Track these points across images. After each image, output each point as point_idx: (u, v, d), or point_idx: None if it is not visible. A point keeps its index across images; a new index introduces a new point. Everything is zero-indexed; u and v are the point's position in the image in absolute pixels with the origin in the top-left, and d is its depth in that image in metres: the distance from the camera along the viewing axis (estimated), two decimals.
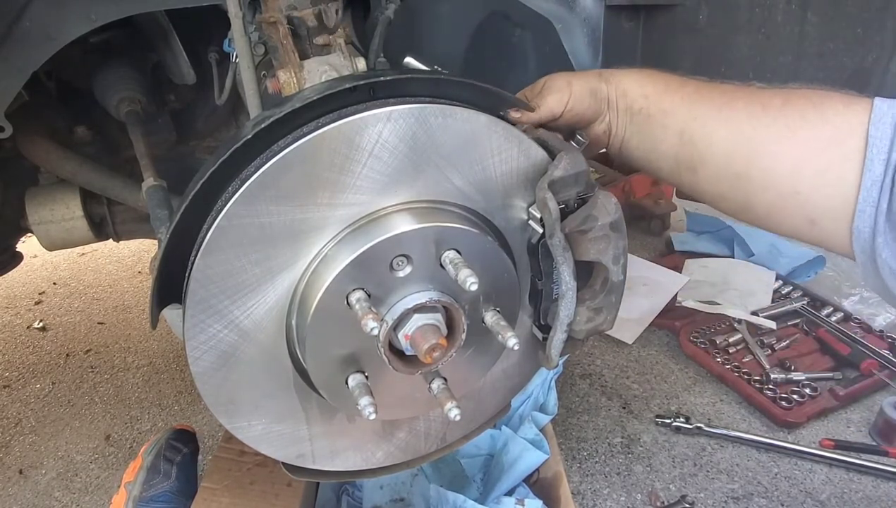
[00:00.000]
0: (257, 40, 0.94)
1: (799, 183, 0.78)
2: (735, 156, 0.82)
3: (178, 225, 0.70)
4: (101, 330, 2.45)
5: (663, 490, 1.64)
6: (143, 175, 1.10)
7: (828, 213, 0.77)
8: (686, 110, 0.86)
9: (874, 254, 0.75)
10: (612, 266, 0.80)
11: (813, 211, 0.78)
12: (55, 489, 1.73)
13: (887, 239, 0.73)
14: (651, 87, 0.89)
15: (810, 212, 0.79)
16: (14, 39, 0.91)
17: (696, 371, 2.08)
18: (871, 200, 0.73)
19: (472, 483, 1.48)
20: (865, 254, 0.76)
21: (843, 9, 0.99)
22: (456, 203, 0.77)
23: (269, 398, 0.80)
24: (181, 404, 2.02)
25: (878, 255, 0.74)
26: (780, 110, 0.79)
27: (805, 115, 0.78)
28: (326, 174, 0.68)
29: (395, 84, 0.74)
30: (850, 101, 0.76)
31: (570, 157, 0.77)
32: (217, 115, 1.46)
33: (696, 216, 2.81)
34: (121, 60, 1.28)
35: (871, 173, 0.73)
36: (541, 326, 0.87)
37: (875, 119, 0.73)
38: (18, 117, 1.05)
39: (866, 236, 0.75)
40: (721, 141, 0.83)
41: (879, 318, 2.25)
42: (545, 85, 0.92)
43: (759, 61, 1.11)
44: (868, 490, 1.63)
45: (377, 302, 0.73)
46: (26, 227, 1.40)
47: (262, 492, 1.26)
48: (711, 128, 0.84)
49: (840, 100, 0.77)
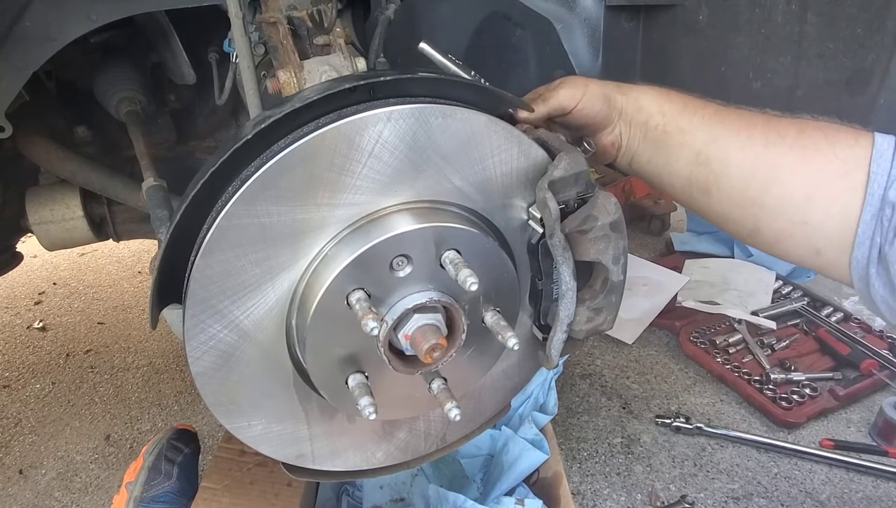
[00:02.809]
0: (257, 40, 0.94)
1: (809, 213, 0.80)
2: (751, 181, 0.83)
3: (178, 225, 0.70)
4: (101, 330, 2.45)
5: (663, 490, 1.64)
6: (143, 175, 1.10)
7: (832, 243, 0.80)
8: (706, 131, 0.86)
9: (868, 282, 0.78)
10: (612, 266, 0.80)
11: (819, 241, 0.81)
12: (55, 489, 1.73)
13: (878, 270, 0.77)
14: (669, 105, 0.89)
15: (817, 242, 0.81)
16: (14, 39, 0.91)
17: (696, 371, 2.08)
18: (869, 233, 0.77)
19: (472, 483, 1.48)
20: (862, 281, 0.79)
21: (843, 9, 0.99)
22: (456, 203, 0.77)
23: (269, 398, 0.80)
24: (181, 404, 2.02)
25: (871, 284, 0.78)
26: (795, 140, 0.81)
27: (819, 147, 0.80)
28: (326, 174, 0.68)
29: (395, 84, 0.74)
30: (858, 136, 0.78)
31: (570, 157, 0.77)
32: (217, 115, 1.46)
33: (696, 216, 2.80)
34: (121, 60, 1.29)
35: (871, 207, 0.76)
36: (541, 326, 0.87)
37: (876, 155, 0.76)
38: (18, 117, 1.05)
39: (862, 265, 0.78)
40: (738, 165, 0.84)
41: (879, 319, 2.25)
42: (562, 81, 0.92)
43: (759, 61, 1.10)
44: (868, 490, 1.63)
45: (377, 302, 0.73)
46: (26, 227, 1.40)
47: (262, 492, 1.26)
48: (729, 152, 0.84)
49: (849, 133, 0.79)
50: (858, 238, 0.77)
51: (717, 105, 0.88)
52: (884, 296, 0.77)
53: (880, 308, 0.79)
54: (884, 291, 0.77)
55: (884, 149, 0.76)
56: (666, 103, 0.89)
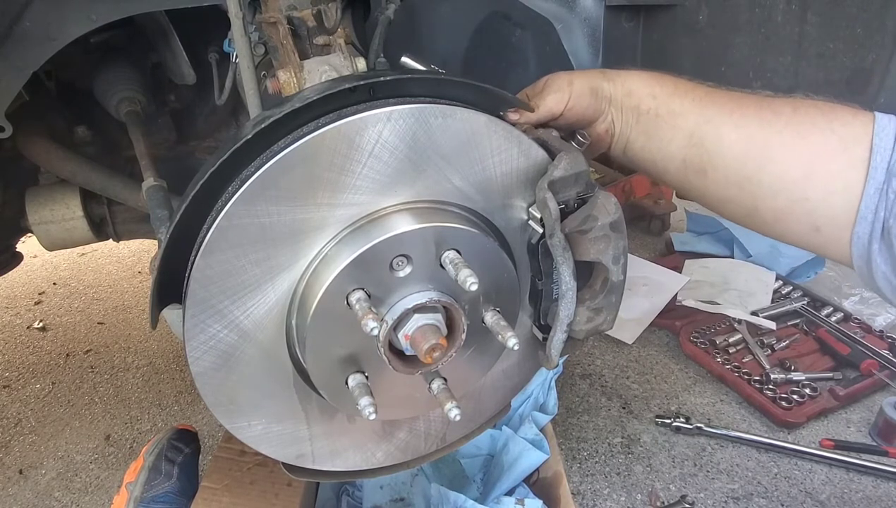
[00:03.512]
0: (257, 40, 0.94)
1: (809, 189, 0.79)
2: (746, 160, 0.82)
3: (178, 225, 0.70)
4: (101, 330, 2.45)
5: (663, 490, 1.64)
6: (143, 175, 1.10)
7: (832, 220, 0.79)
8: (698, 112, 0.85)
9: (870, 259, 0.77)
10: (612, 266, 0.80)
11: (819, 218, 0.79)
12: (55, 489, 1.73)
13: (881, 246, 0.75)
14: (660, 88, 0.88)
15: (816, 220, 0.80)
16: (14, 39, 0.91)
17: (696, 371, 2.08)
18: (872, 207, 0.75)
19: (472, 483, 1.48)
20: (862, 259, 0.78)
21: (843, 9, 0.99)
22: (456, 203, 0.77)
23: (269, 398, 0.80)
24: (181, 404, 2.02)
25: (873, 260, 0.76)
26: (791, 117, 0.80)
27: (815, 123, 0.79)
28: (326, 174, 0.68)
29: (395, 84, 0.74)
30: (856, 112, 0.78)
31: (570, 157, 0.77)
32: (217, 115, 1.46)
33: (696, 216, 2.81)
34: (121, 60, 1.28)
35: (875, 181, 0.75)
36: (541, 326, 0.87)
37: (878, 129, 0.75)
38: (18, 117, 1.05)
39: (864, 241, 0.77)
40: (732, 144, 0.83)
41: (879, 318, 2.25)
42: (546, 84, 0.91)
43: (759, 61, 1.10)
44: (868, 490, 1.63)
45: (377, 302, 0.73)
46: (26, 227, 1.40)
47: (262, 492, 1.26)
48: (723, 132, 0.83)
49: (846, 110, 0.79)
50: (861, 212, 0.75)
51: (708, 86, 0.87)
52: (885, 273, 0.76)
53: (881, 285, 0.77)
54: (886, 267, 0.75)
55: (885, 124, 0.75)
56: (656, 86, 0.88)
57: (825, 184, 0.78)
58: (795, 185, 0.80)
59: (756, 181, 0.82)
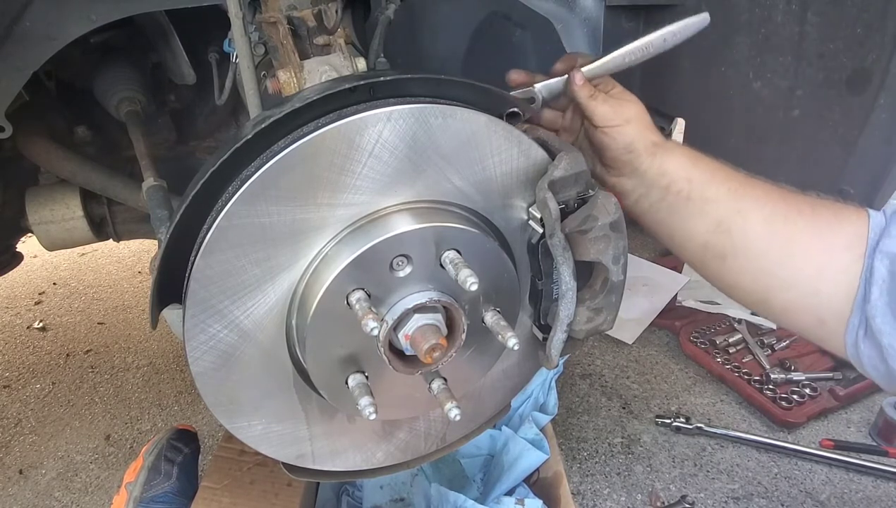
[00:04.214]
0: (257, 40, 0.94)
1: (821, 284, 0.83)
2: (769, 253, 0.86)
3: (178, 225, 0.70)
4: (101, 330, 2.45)
5: (663, 490, 1.64)
6: (143, 175, 1.10)
7: (836, 314, 0.83)
8: (731, 203, 0.87)
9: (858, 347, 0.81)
10: (612, 266, 0.80)
11: (825, 311, 0.84)
12: (55, 489, 1.73)
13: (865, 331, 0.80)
14: (697, 173, 0.89)
15: (823, 313, 0.84)
16: (14, 39, 0.91)
17: (696, 371, 2.08)
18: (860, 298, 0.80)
19: (472, 483, 1.48)
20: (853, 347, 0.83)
21: (843, 9, 0.99)
22: (456, 203, 0.77)
23: (269, 398, 0.80)
24: (181, 404, 2.03)
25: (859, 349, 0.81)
26: (811, 217, 0.85)
27: (830, 224, 0.84)
28: (326, 174, 0.68)
29: (395, 84, 0.74)
30: (860, 212, 0.83)
31: (570, 157, 0.77)
32: (217, 115, 1.46)
33: None
34: (121, 60, 1.28)
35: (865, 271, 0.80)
36: (541, 326, 0.87)
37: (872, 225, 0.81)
38: (18, 117, 1.05)
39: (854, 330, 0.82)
40: (758, 238, 0.86)
41: None
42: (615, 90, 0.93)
43: (759, 61, 1.10)
44: (868, 491, 1.63)
45: (377, 302, 0.73)
46: (26, 227, 1.40)
47: (262, 492, 1.26)
48: (751, 224, 0.86)
49: (852, 210, 0.84)
50: (855, 303, 0.80)
51: (744, 176, 0.89)
52: (870, 357, 0.80)
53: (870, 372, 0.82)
54: (870, 352, 0.80)
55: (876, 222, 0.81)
56: (693, 170, 0.89)
57: (834, 280, 0.82)
58: (809, 281, 0.84)
59: (772, 274, 0.86)
